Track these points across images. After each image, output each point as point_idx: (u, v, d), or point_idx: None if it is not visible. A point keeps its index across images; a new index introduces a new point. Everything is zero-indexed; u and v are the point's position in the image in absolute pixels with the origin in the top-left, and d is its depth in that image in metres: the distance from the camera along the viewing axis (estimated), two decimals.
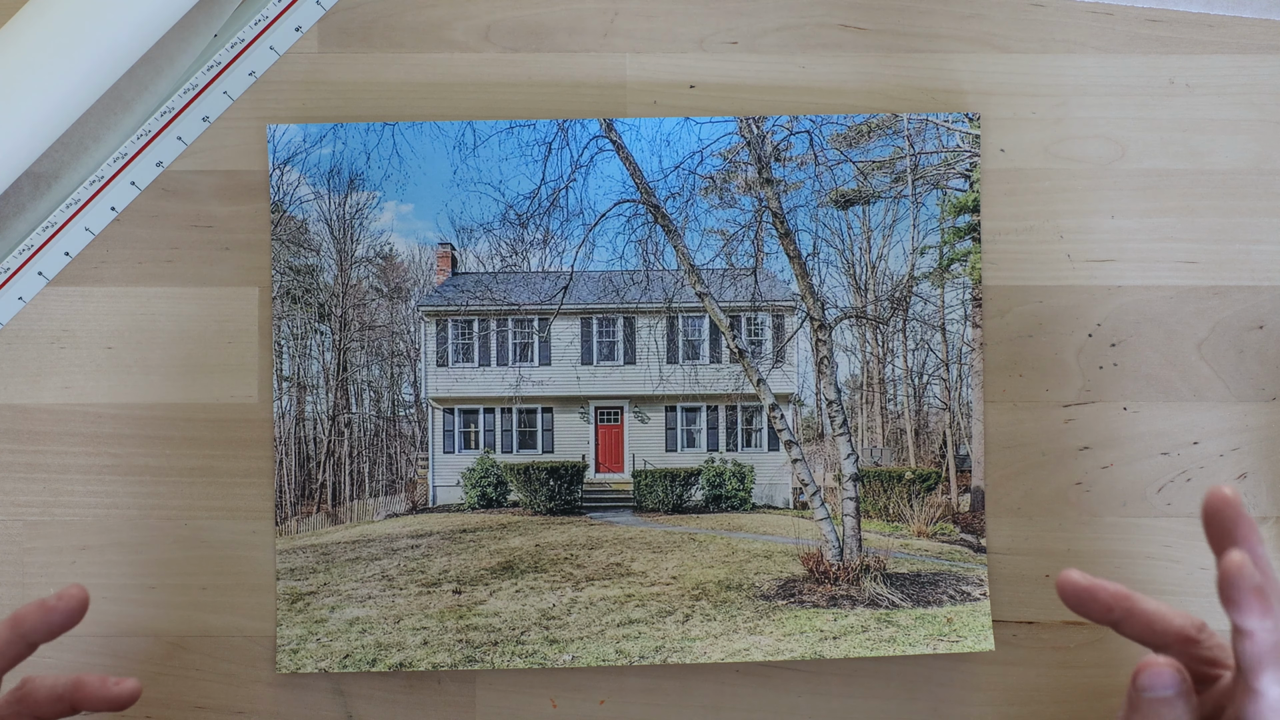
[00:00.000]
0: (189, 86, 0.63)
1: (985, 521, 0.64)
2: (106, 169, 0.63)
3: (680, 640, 0.63)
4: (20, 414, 0.63)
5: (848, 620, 0.63)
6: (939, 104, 0.65)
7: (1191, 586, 0.64)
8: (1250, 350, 0.64)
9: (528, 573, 0.64)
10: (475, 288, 0.65)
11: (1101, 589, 0.50)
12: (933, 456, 0.65)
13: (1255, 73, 0.65)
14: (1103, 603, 0.50)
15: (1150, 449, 0.64)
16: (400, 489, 0.65)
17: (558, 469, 0.66)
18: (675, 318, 0.66)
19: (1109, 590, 0.50)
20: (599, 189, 0.65)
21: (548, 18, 0.65)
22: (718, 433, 0.66)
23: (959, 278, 0.65)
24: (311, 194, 0.64)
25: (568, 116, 0.65)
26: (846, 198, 0.65)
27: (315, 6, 0.64)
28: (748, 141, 0.65)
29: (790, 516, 0.65)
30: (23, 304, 0.63)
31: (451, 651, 0.62)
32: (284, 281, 0.64)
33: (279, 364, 0.64)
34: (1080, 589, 0.50)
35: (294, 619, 0.63)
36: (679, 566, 0.64)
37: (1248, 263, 0.65)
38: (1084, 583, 0.50)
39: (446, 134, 0.64)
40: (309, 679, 0.63)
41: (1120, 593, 0.50)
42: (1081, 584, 0.50)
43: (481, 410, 0.66)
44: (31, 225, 0.63)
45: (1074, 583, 0.50)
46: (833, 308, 0.65)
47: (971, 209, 0.65)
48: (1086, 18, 0.65)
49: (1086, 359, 0.64)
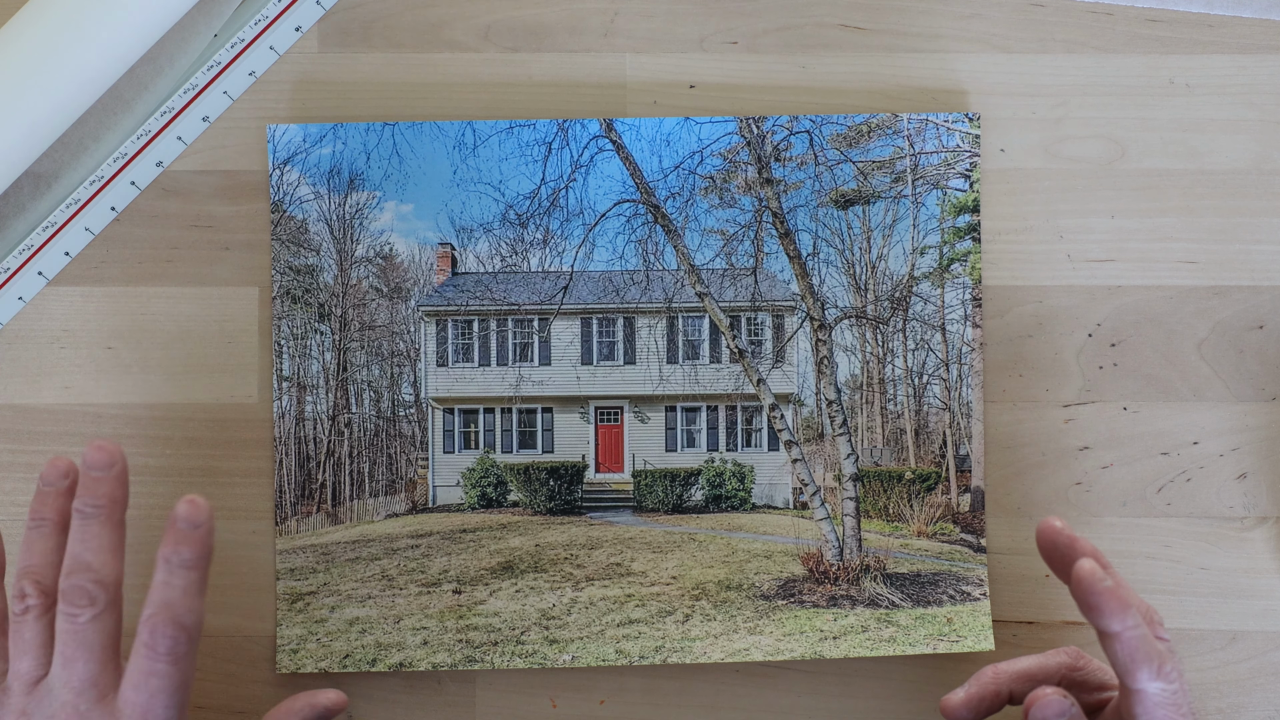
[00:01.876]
0: (189, 86, 0.63)
1: (985, 521, 0.64)
2: (106, 169, 0.63)
3: (680, 640, 0.63)
4: (20, 414, 0.63)
5: (848, 620, 0.63)
6: (939, 104, 0.65)
7: (1191, 586, 0.64)
8: (1250, 350, 0.64)
9: (528, 573, 0.64)
10: (475, 288, 0.65)
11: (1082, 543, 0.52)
12: (933, 456, 0.65)
13: (1255, 73, 0.65)
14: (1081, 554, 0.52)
15: (1150, 449, 0.64)
16: (400, 489, 0.65)
17: (558, 469, 0.66)
18: (675, 318, 0.66)
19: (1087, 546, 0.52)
20: (599, 189, 0.65)
21: (548, 18, 0.65)
22: (718, 433, 0.66)
23: (959, 278, 0.65)
24: (311, 194, 0.64)
25: (568, 116, 0.65)
26: (846, 198, 0.65)
27: (315, 6, 0.64)
28: (748, 141, 0.65)
29: (790, 516, 0.65)
30: (23, 304, 0.63)
31: (451, 651, 0.62)
32: (284, 281, 0.64)
33: (279, 364, 0.64)
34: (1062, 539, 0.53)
35: (294, 619, 0.63)
36: (679, 566, 0.64)
37: (1248, 263, 0.65)
38: (1065, 535, 0.53)
39: (446, 134, 0.64)
40: (309, 679, 0.63)
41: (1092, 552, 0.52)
42: (1063, 535, 0.53)
43: (481, 410, 0.66)
44: (31, 225, 0.63)
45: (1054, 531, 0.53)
46: (833, 308, 0.65)
47: (971, 209, 0.65)
48: (1086, 18, 0.65)
49: (1086, 359, 0.64)
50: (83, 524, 0.50)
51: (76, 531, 0.50)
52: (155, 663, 0.48)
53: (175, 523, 0.49)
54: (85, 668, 0.49)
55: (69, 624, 0.49)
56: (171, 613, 0.48)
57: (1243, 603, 0.64)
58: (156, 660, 0.48)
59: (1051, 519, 0.53)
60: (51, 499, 0.52)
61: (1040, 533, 0.53)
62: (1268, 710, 0.63)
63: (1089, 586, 0.49)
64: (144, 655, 0.48)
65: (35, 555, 0.51)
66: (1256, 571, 0.64)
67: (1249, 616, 0.64)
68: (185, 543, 0.49)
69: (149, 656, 0.48)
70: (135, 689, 0.48)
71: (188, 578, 0.49)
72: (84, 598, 0.49)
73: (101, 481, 0.51)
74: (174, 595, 0.49)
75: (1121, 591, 0.49)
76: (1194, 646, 0.64)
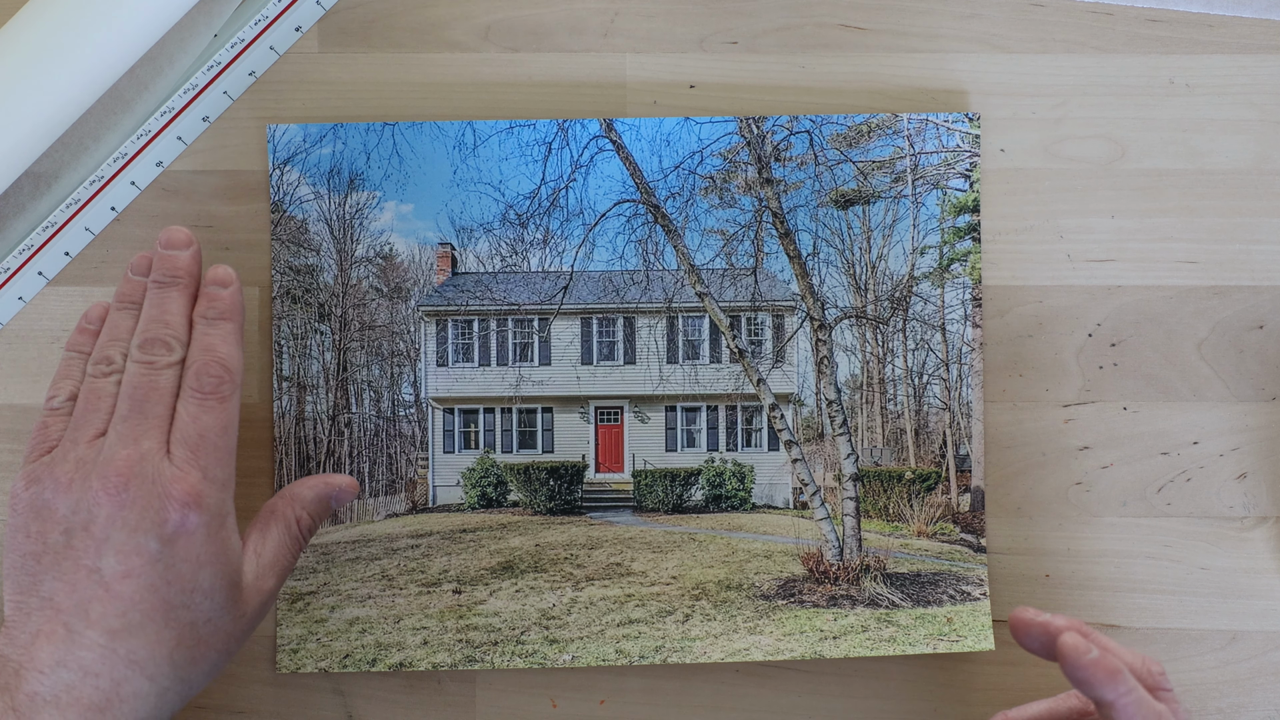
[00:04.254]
0: (189, 86, 0.63)
1: (985, 521, 0.64)
2: (106, 169, 0.63)
3: (680, 640, 0.63)
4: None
5: (848, 620, 0.63)
6: (939, 104, 0.65)
7: (1191, 586, 0.64)
8: (1250, 350, 0.64)
9: (528, 573, 0.64)
10: (475, 288, 0.65)
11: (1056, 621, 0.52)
12: (933, 456, 0.65)
13: (1255, 73, 0.65)
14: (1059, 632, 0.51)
15: (1150, 449, 0.64)
16: (400, 489, 0.65)
17: (558, 469, 0.66)
18: (675, 318, 0.66)
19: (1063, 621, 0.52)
20: (599, 189, 0.65)
21: (548, 18, 0.65)
22: (718, 433, 0.66)
23: (959, 278, 0.65)
24: (311, 194, 0.64)
25: (568, 116, 0.65)
26: (846, 198, 0.65)
27: (315, 6, 0.64)
28: (748, 141, 0.65)
29: (790, 516, 0.65)
30: (23, 304, 0.63)
31: (451, 651, 0.62)
32: (284, 281, 0.64)
33: (279, 364, 0.64)
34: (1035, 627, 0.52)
35: (294, 619, 0.63)
36: (679, 566, 0.64)
37: (1248, 263, 0.65)
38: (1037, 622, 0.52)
39: (446, 134, 0.64)
40: (309, 679, 0.63)
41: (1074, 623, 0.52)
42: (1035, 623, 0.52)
43: (481, 410, 0.66)
44: (31, 225, 0.63)
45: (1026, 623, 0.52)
46: (833, 308, 0.65)
47: (971, 209, 0.65)
48: (1086, 18, 0.65)
49: (1086, 359, 0.64)
50: (161, 292, 0.55)
51: (155, 298, 0.55)
52: (205, 401, 0.52)
53: (206, 287, 0.55)
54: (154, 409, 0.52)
55: (144, 371, 0.52)
56: (214, 354, 0.53)
57: (1243, 603, 0.64)
58: (205, 399, 0.52)
59: (1020, 609, 0.52)
60: (138, 287, 0.56)
61: (1014, 627, 0.52)
62: (1268, 710, 0.63)
63: (1074, 661, 0.49)
64: (192, 398, 0.52)
65: (121, 330, 0.55)
66: (1256, 571, 0.64)
67: (1249, 616, 0.64)
68: (217, 300, 0.55)
69: (196, 398, 0.52)
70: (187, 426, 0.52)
71: (224, 327, 0.54)
72: (162, 347, 0.53)
73: (178, 258, 0.55)
74: (214, 340, 0.53)
75: (1107, 660, 0.49)
76: (1194, 646, 0.64)
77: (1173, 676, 0.63)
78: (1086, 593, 0.64)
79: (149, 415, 0.52)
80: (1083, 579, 0.64)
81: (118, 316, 0.56)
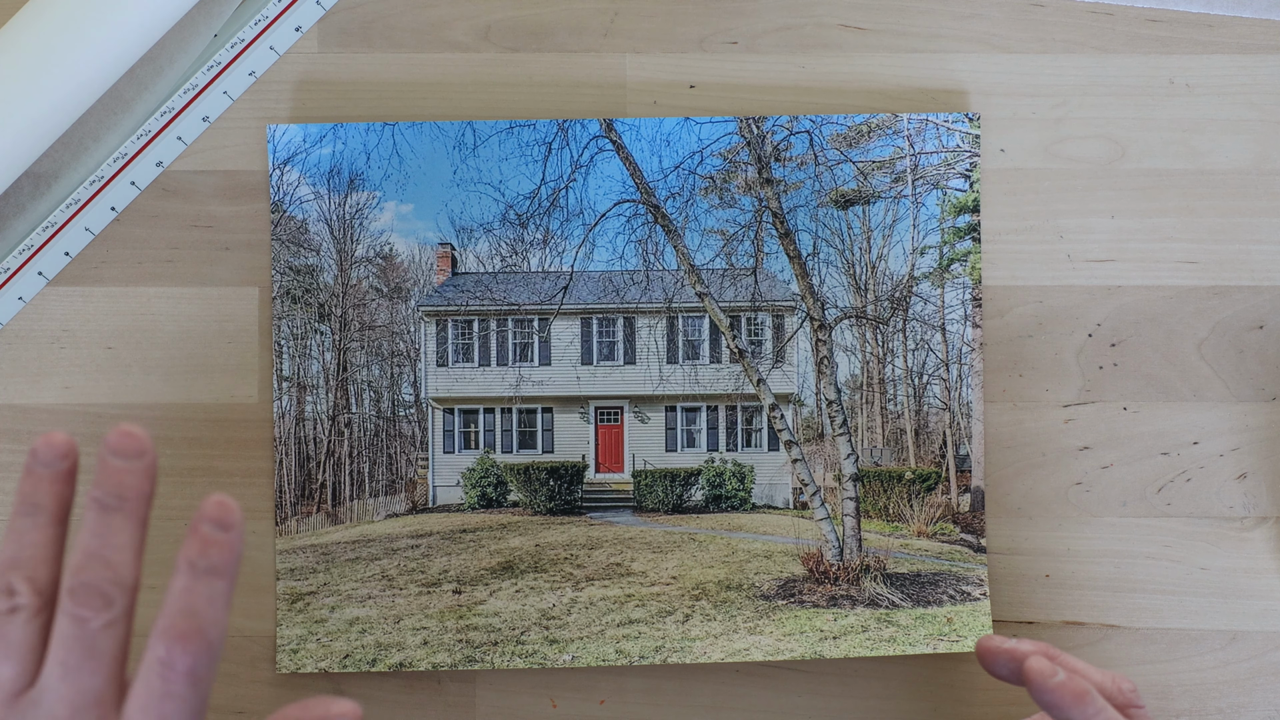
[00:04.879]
0: (189, 86, 0.63)
1: (985, 521, 0.64)
2: (106, 169, 0.63)
3: (680, 640, 0.63)
4: (20, 414, 0.63)
5: (848, 620, 0.63)
6: (939, 104, 0.65)
7: (1191, 586, 0.64)
8: (1250, 350, 0.64)
9: (528, 573, 0.64)
10: (475, 288, 0.65)
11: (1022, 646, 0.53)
12: (933, 456, 0.65)
13: (1255, 73, 0.65)
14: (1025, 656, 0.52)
15: (1150, 449, 0.64)
16: (400, 489, 0.65)
17: (558, 469, 0.66)
18: (675, 318, 0.66)
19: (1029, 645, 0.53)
20: (599, 189, 0.65)
21: (548, 18, 0.65)
22: (718, 433, 0.66)
23: (959, 278, 0.65)
24: (311, 194, 0.64)
25: (568, 116, 0.65)
26: (846, 198, 0.65)
27: (315, 6, 0.64)
28: (748, 141, 0.65)
29: (790, 516, 0.65)
30: (23, 304, 0.63)
31: (451, 651, 0.62)
32: (284, 281, 0.64)
33: (279, 364, 0.64)
34: (1002, 654, 0.53)
35: (294, 619, 0.63)
36: (679, 566, 0.64)
37: (1248, 263, 0.65)
38: (1003, 649, 0.53)
39: (446, 134, 0.64)
40: (309, 679, 0.63)
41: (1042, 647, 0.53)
42: (1001, 650, 0.53)
43: (481, 410, 0.66)
44: (31, 225, 0.63)
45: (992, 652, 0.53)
46: (833, 308, 0.65)
47: (971, 209, 0.65)
48: (1086, 18, 0.65)
49: (1086, 359, 0.64)
50: (103, 517, 0.42)
51: (94, 524, 0.42)
52: (171, 684, 0.40)
53: (201, 525, 0.42)
54: (90, 680, 0.41)
55: (76, 628, 0.41)
56: (195, 624, 0.41)
57: (1243, 603, 0.64)
58: (173, 681, 0.40)
59: (986, 638, 0.54)
60: (47, 483, 0.43)
61: (981, 656, 0.53)
62: (1268, 710, 0.63)
63: (1040, 685, 0.49)
64: (158, 674, 0.40)
65: (26, 547, 0.42)
66: (1256, 571, 0.64)
67: (1249, 616, 0.64)
68: (214, 547, 0.41)
69: (164, 676, 0.40)
70: (143, 712, 0.40)
71: (214, 586, 0.41)
72: (99, 599, 0.41)
73: (128, 472, 0.42)
74: (198, 604, 0.41)
75: (1073, 682, 0.49)
76: (1194, 646, 0.64)
77: (1173, 676, 0.63)
78: (1086, 593, 0.64)
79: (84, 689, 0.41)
80: (1083, 579, 0.64)
81: (23, 525, 0.42)
